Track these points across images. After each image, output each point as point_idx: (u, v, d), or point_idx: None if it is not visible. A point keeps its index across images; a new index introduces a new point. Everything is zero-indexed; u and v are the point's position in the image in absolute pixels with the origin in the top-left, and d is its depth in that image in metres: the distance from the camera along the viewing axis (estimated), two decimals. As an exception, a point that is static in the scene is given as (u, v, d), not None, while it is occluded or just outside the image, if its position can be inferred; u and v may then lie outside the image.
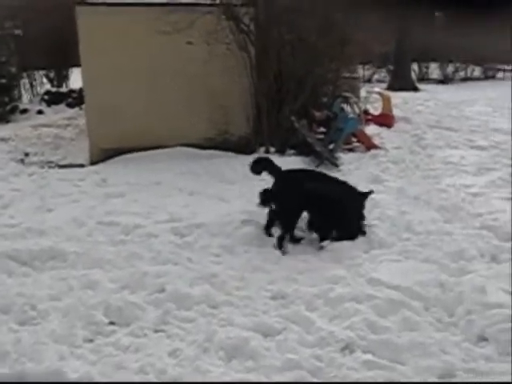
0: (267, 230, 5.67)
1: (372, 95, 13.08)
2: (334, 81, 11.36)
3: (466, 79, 25.62)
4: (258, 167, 5.95)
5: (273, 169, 5.86)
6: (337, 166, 8.61)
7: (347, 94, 10.74)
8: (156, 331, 3.96)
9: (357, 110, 10.50)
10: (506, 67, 28.58)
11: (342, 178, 7.95)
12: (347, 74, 12.70)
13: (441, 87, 22.34)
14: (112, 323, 4.04)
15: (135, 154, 8.92)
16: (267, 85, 9.11)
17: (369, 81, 22.65)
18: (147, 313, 4.16)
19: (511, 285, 4.48)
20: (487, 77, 26.86)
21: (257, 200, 6.67)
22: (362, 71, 21.31)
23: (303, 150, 9.00)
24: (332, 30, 9.73)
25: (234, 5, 8.78)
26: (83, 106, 10.82)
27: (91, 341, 3.87)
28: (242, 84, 8.93)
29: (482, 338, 3.91)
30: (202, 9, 8.62)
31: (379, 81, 23.27)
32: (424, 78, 24.61)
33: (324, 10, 9.48)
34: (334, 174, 8.15)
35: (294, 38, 9.33)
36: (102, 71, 8.98)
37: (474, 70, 26.45)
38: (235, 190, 7.27)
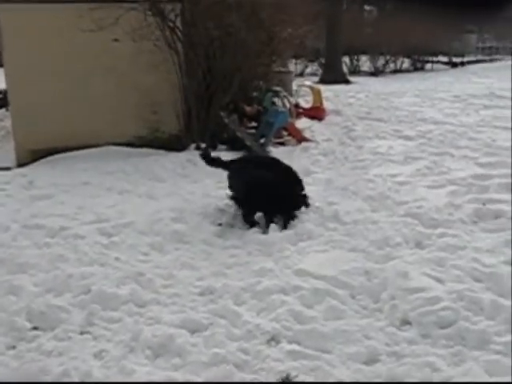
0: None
1: (303, 89, 13.23)
2: (265, 75, 11.45)
3: (396, 71, 26.35)
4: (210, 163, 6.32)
5: (221, 163, 6.23)
6: (268, 159, 8.66)
7: (277, 88, 10.87)
8: (81, 333, 3.88)
9: (287, 104, 10.64)
10: (434, 58, 29.56)
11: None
12: (279, 69, 12.86)
13: (372, 79, 22.85)
14: (35, 328, 3.93)
15: (63, 155, 8.73)
16: (196, 81, 9.08)
17: (301, 74, 22.99)
18: (72, 315, 4.06)
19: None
20: (416, 68, 27.72)
21: (187, 197, 6.71)
22: (294, 65, 21.59)
23: (234, 145, 9.03)
24: (261, 25, 9.77)
25: (159, 1, 8.69)
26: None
27: (13, 347, 3.76)
28: (171, 81, 8.85)
29: (406, 322, 4.02)
30: (127, 5, 8.48)
31: (312, 74, 23.65)
32: (355, 71, 25.18)
33: (252, 4, 9.50)
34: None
35: (221, 34, 9.31)
36: (25, 70, 8.77)
37: (403, 62, 27.23)
38: (165, 187, 7.22)
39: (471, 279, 4.51)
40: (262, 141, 9.50)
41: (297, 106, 11.92)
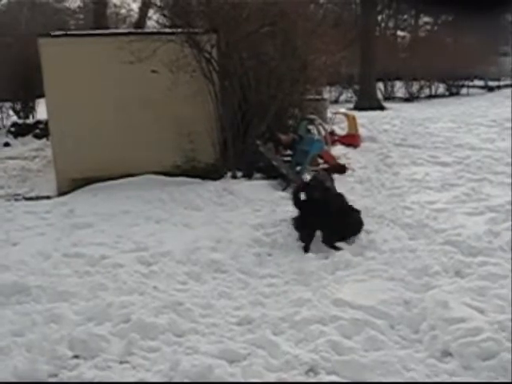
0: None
1: (337, 116, 13.25)
2: (299, 103, 11.52)
3: (430, 96, 26.13)
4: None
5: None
6: (304, 187, 8.67)
7: (312, 116, 10.90)
8: (121, 362, 3.93)
9: (322, 132, 10.64)
10: (470, 83, 29.27)
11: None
12: (313, 96, 12.93)
13: (406, 105, 22.71)
14: (76, 356, 4.00)
15: (103, 184, 8.88)
16: (232, 110, 9.19)
17: (336, 101, 23.00)
18: (112, 344, 4.12)
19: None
20: (451, 93, 27.43)
21: (223, 225, 6.77)
22: (328, 92, 21.66)
23: (270, 173, 9.06)
24: (294, 53, 9.87)
25: (195, 32, 8.87)
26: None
27: (55, 375, 3.82)
28: (207, 110, 8.98)
29: (447, 353, 3.96)
30: (165, 37, 8.70)
31: (346, 101, 23.64)
32: (390, 97, 25.05)
33: (286, 33, 9.62)
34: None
35: (256, 63, 9.44)
36: (65, 101, 8.98)
37: (438, 87, 27.00)
38: (202, 216, 7.28)
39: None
40: (298, 169, 9.51)
41: (332, 133, 11.91)
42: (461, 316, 4.26)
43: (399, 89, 25.76)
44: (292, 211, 6.28)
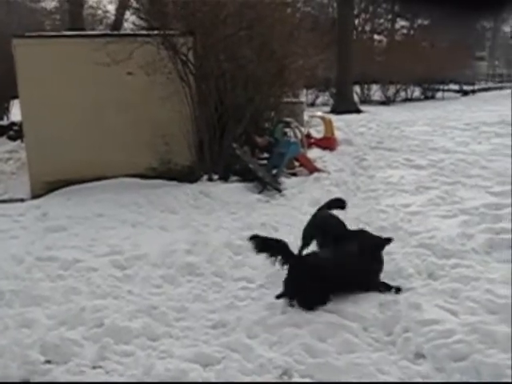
0: None
1: (314, 119, 13.31)
2: (276, 106, 11.55)
3: (406, 100, 26.44)
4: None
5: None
6: (280, 190, 8.71)
7: (288, 119, 10.94)
8: (94, 367, 3.89)
9: (299, 135, 10.69)
10: (445, 87, 29.63)
11: (286, 202, 8.17)
12: (290, 99, 12.97)
13: (382, 108, 22.92)
14: (48, 361, 3.95)
15: (77, 186, 8.81)
16: (208, 113, 9.17)
17: (312, 104, 23.14)
18: (85, 349, 4.08)
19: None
20: (427, 97, 27.78)
21: (200, 228, 6.74)
22: (305, 95, 21.78)
23: (246, 176, 9.07)
24: (271, 56, 9.89)
25: (171, 34, 8.84)
26: (25, 139, 10.67)
27: (27, 381, 3.77)
28: (183, 113, 8.95)
29: (419, 355, 3.99)
30: (141, 39, 8.66)
31: (323, 104, 23.78)
32: (366, 100, 25.28)
33: (263, 37, 9.63)
34: (277, 198, 8.35)
35: (233, 66, 9.44)
36: (40, 103, 8.91)
37: (414, 91, 27.32)
38: (178, 219, 7.25)
39: (485, 311, 4.47)
40: (274, 172, 9.53)
41: (308, 136, 11.97)
42: (433, 318, 4.30)
43: (375, 92, 26.02)
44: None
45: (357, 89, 25.07)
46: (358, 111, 21.11)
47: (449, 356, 3.88)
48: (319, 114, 14.36)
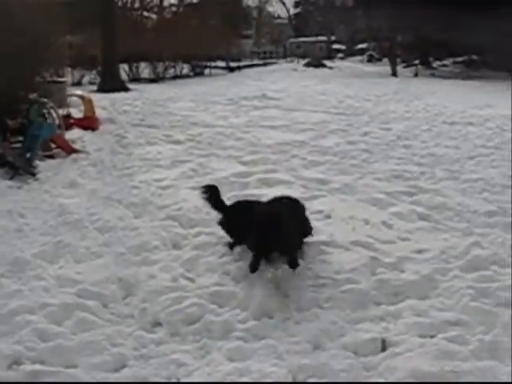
0: None
1: (73, 98, 12.87)
2: (29, 85, 10.92)
3: (176, 77, 26.78)
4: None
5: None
6: (33, 174, 8.28)
7: (43, 100, 10.41)
8: None
9: (54, 115, 10.24)
10: (212, 64, 30.63)
11: (39, 185, 7.81)
12: (52, 79, 12.36)
13: (151, 86, 22.97)
14: None
15: None
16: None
17: (79, 83, 22.36)
18: None
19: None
20: (196, 74, 28.45)
21: None
22: (70, 74, 20.97)
23: (-5, 162, 8.47)
24: (19, 32, 9.30)
25: None
26: None
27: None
28: None
29: (156, 324, 4.11)
30: None
31: (90, 83, 23.11)
32: (135, 78, 25.09)
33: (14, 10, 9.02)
34: (30, 183, 7.94)
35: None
36: None
37: (183, 68, 27.78)
38: None
39: (220, 274, 4.75)
40: (28, 155, 9.03)
41: (68, 116, 11.52)
42: (169, 286, 4.46)
43: (145, 70, 25.94)
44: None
45: (125, 67, 24.72)
46: (126, 89, 20.82)
47: (183, 320, 4.07)
48: (78, 92, 13.88)
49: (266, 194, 6.55)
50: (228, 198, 6.73)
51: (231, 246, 5.23)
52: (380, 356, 3.67)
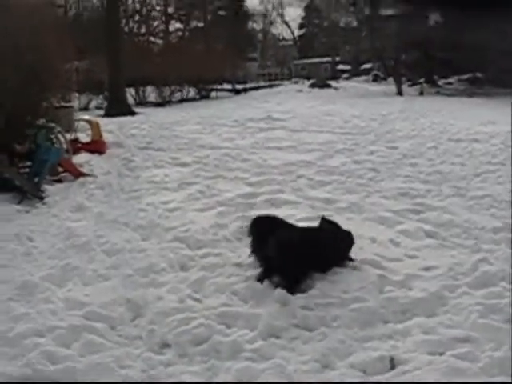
0: None
1: (81, 123, 12.99)
2: (36, 111, 11.04)
3: (182, 100, 26.98)
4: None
5: None
6: (41, 198, 8.35)
7: (51, 124, 10.53)
8: None
9: (62, 140, 10.35)
10: (219, 86, 30.87)
11: (47, 209, 7.86)
12: (60, 104, 12.50)
13: (158, 110, 23.14)
14: None
15: None
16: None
17: (86, 108, 22.55)
18: None
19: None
20: (202, 97, 28.66)
21: None
22: (77, 99, 21.16)
23: (3, 186, 8.54)
24: (31, 58, 9.43)
25: None
26: None
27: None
28: None
29: (165, 345, 4.11)
30: None
31: (97, 107, 23.32)
32: (142, 102, 25.30)
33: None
34: (38, 206, 8.00)
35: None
36: None
37: (189, 91, 28.00)
38: None
39: (228, 294, 4.75)
40: (36, 179, 9.12)
41: (75, 140, 11.64)
42: (177, 307, 4.47)
43: (151, 94, 26.15)
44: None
45: (132, 91, 24.95)
46: (133, 113, 20.96)
47: (190, 341, 4.06)
48: (86, 117, 14.02)
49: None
50: (234, 219, 6.80)
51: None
52: (389, 374, 3.65)
